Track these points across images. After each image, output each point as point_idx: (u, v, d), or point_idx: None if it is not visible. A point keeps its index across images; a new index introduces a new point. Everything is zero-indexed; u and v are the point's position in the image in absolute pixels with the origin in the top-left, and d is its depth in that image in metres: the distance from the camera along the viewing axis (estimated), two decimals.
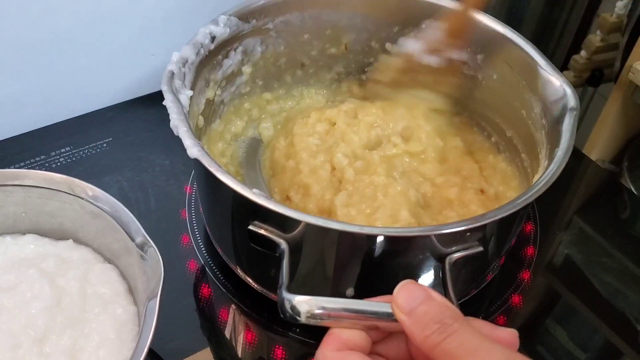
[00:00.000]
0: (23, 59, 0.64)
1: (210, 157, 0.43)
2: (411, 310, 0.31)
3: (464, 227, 0.41)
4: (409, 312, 0.31)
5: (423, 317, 0.31)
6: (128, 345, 0.44)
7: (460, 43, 0.58)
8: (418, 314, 0.31)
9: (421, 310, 0.31)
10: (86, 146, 0.67)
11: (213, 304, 0.54)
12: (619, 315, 0.55)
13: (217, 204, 0.50)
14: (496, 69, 0.59)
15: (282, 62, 0.64)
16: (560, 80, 0.51)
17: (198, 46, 0.52)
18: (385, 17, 0.62)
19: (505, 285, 0.57)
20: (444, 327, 0.30)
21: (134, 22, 0.68)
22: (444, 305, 0.32)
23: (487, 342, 0.30)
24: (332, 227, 0.40)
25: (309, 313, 0.33)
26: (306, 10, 0.61)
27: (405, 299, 0.32)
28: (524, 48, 0.55)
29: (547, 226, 0.62)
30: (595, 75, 0.83)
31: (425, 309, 0.31)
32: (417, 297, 0.32)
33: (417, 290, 0.32)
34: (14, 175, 0.48)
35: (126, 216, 0.46)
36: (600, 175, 0.71)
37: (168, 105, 0.46)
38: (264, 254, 0.45)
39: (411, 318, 0.31)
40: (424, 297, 0.32)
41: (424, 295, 0.32)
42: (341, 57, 0.66)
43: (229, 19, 0.55)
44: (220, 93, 0.59)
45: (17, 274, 0.46)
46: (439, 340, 0.30)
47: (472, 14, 0.57)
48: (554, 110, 0.51)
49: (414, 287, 0.32)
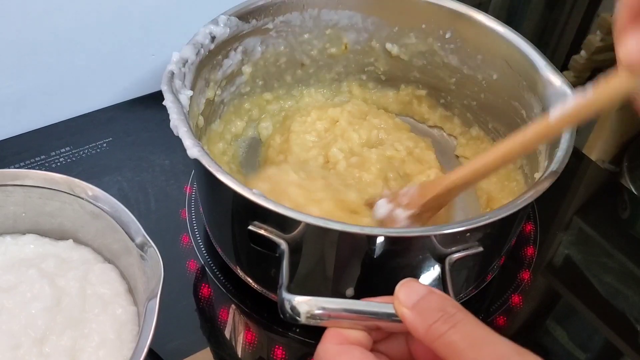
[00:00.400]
0: (23, 59, 0.64)
1: (210, 158, 0.43)
2: (413, 303, 0.31)
3: (464, 228, 0.41)
4: (412, 305, 0.31)
5: (425, 307, 0.31)
6: (128, 345, 0.44)
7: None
8: (420, 305, 0.31)
9: (423, 302, 0.31)
10: (86, 146, 0.67)
11: (213, 304, 0.54)
12: (619, 315, 0.55)
13: (217, 204, 0.50)
14: (496, 69, 0.59)
15: (282, 62, 0.64)
16: (561, 81, 0.51)
17: (198, 46, 0.52)
18: (385, 17, 0.63)
19: (505, 286, 0.57)
20: (447, 315, 0.30)
21: (134, 22, 0.68)
22: (445, 297, 0.31)
23: (493, 334, 0.29)
24: (332, 227, 0.40)
25: (308, 313, 0.33)
26: (306, 10, 0.61)
27: (406, 294, 0.32)
28: (524, 49, 0.55)
29: (547, 226, 0.62)
30: (595, 76, 0.83)
31: (428, 300, 0.31)
32: (419, 291, 0.32)
33: (418, 285, 0.32)
34: (14, 175, 0.48)
35: (126, 216, 0.46)
36: (600, 175, 0.71)
37: (168, 105, 0.46)
38: (264, 254, 0.45)
39: (413, 311, 0.31)
40: (426, 291, 0.32)
41: (426, 290, 0.32)
42: (341, 57, 0.66)
43: (229, 19, 0.55)
44: (220, 93, 0.59)
45: (17, 274, 0.46)
46: (443, 330, 0.29)
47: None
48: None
49: (414, 283, 0.32)
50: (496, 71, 0.59)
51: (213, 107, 0.59)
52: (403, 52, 0.64)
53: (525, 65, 0.55)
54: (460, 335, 0.29)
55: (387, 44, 0.64)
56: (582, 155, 0.73)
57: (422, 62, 0.64)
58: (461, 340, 0.29)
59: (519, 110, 0.57)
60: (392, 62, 0.66)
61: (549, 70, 0.53)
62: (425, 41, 0.62)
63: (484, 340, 0.29)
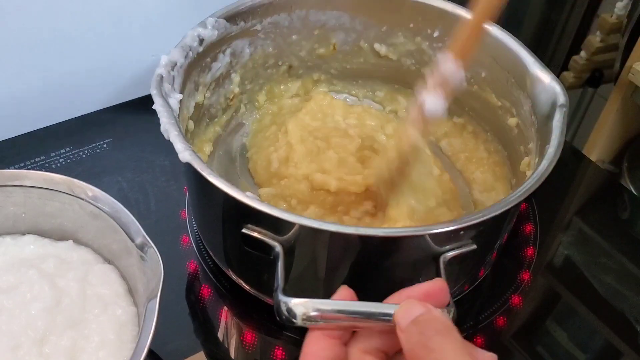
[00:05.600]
0: (23, 59, 0.64)
1: (201, 161, 0.43)
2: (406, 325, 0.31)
3: (458, 226, 0.41)
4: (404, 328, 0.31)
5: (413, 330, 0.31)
6: (128, 346, 0.44)
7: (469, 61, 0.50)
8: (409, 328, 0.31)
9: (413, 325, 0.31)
10: (86, 147, 0.67)
11: (213, 305, 0.54)
12: (619, 315, 0.55)
13: (210, 207, 0.50)
14: (484, 67, 0.59)
15: (271, 63, 0.64)
16: (550, 77, 0.51)
17: (187, 49, 0.52)
18: (373, 17, 0.63)
19: (505, 286, 0.57)
20: (427, 340, 0.30)
21: (134, 22, 0.68)
22: (434, 319, 0.31)
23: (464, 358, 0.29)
24: (325, 228, 0.40)
25: (304, 315, 0.33)
26: (294, 11, 0.61)
27: (402, 314, 0.31)
28: (511, 46, 0.55)
29: (547, 227, 0.62)
30: (595, 76, 0.83)
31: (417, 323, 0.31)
32: (415, 311, 0.31)
33: (415, 306, 0.32)
34: (13, 176, 0.48)
35: (126, 217, 0.46)
36: (600, 175, 0.71)
37: (158, 109, 0.46)
38: (255, 258, 0.45)
39: (404, 334, 0.31)
40: (423, 310, 0.31)
41: (423, 309, 0.31)
42: (330, 57, 0.66)
43: (217, 21, 0.54)
44: (210, 96, 0.59)
45: (17, 274, 0.46)
46: (422, 355, 0.30)
47: (483, 26, 0.48)
48: (543, 107, 0.51)
49: (412, 305, 0.32)
50: (484, 69, 0.59)
51: (202, 109, 0.58)
52: (391, 52, 0.65)
53: (514, 62, 0.55)
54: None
55: (375, 44, 0.64)
56: (582, 156, 0.73)
57: (410, 61, 0.64)
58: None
59: (508, 108, 0.57)
60: (381, 61, 0.66)
61: (537, 67, 0.53)
62: (413, 40, 0.63)
63: None
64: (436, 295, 0.33)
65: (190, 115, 0.55)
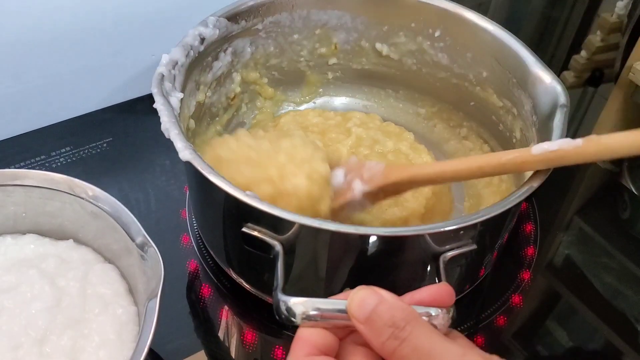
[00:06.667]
0: (23, 59, 0.64)
1: (202, 160, 0.43)
2: (365, 317, 0.31)
3: (458, 226, 0.41)
4: (364, 320, 0.31)
5: (377, 322, 0.31)
6: (128, 345, 0.44)
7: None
8: (372, 320, 0.31)
9: (374, 315, 0.31)
10: (86, 146, 0.67)
11: (213, 304, 0.54)
12: (619, 315, 0.55)
13: (210, 206, 0.50)
14: (486, 67, 0.59)
15: (272, 62, 0.64)
16: (551, 77, 0.51)
17: (187, 48, 0.52)
18: (374, 17, 0.63)
19: (505, 286, 0.57)
20: (397, 331, 0.30)
21: (134, 22, 0.68)
22: (395, 306, 0.31)
23: (441, 343, 0.30)
24: (325, 227, 0.40)
25: (304, 314, 0.33)
26: (295, 10, 0.61)
27: (357, 308, 0.31)
28: (513, 46, 0.55)
29: (547, 226, 0.62)
30: (595, 76, 0.83)
31: (378, 313, 0.31)
32: (370, 303, 0.31)
33: (369, 296, 0.32)
34: (14, 175, 0.48)
35: (126, 216, 0.46)
36: (600, 175, 0.71)
37: (159, 108, 0.46)
38: (255, 257, 0.45)
39: (367, 326, 0.31)
40: (376, 301, 0.31)
41: (375, 300, 0.31)
42: (331, 56, 0.66)
43: (218, 20, 0.54)
44: (211, 95, 0.59)
45: (17, 274, 0.46)
46: (394, 346, 0.30)
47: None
48: (544, 107, 0.51)
49: (365, 292, 0.32)
50: (486, 69, 0.59)
51: (204, 108, 0.58)
52: (393, 52, 0.64)
53: (515, 62, 0.55)
54: (410, 350, 0.29)
55: (376, 44, 0.64)
56: None
57: (412, 61, 0.64)
58: (411, 354, 0.29)
59: (509, 108, 0.57)
60: (382, 61, 0.66)
61: (539, 67, 0.53)
62: (414, 40, 0.62)
63: (432, 351, 0.29)
64: (443, 298, 0.34)
65: (191, 114, 0.55)
